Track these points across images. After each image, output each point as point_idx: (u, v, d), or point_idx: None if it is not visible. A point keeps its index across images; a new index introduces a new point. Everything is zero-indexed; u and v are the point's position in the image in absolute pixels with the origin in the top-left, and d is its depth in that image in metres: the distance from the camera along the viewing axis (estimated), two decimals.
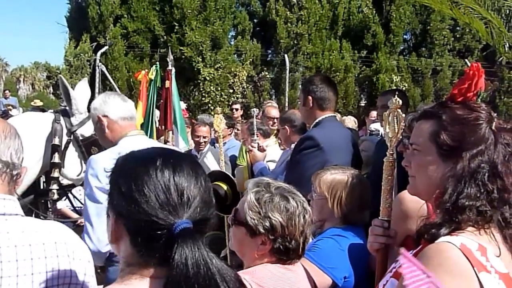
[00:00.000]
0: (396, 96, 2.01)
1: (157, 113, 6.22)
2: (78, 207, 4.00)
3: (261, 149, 4.32)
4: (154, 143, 3.93)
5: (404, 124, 2.05)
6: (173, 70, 6.26)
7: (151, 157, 1.28)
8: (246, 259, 2.00)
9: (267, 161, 4.61)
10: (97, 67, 10.32)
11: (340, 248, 2.44)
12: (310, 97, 3.64)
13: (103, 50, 11.89)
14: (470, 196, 1.55)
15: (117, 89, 10.29)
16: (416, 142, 1.73)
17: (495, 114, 1.69)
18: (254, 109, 5.40)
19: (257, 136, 4.66)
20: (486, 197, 1.56)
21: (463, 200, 1.54)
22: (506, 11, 7.97)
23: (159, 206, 1.20)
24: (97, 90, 11.05)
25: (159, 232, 1.18)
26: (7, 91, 18.50)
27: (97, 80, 10.86)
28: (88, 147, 3.47)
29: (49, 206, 3.75)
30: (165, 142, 5.15)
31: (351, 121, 7.32)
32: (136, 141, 3.24)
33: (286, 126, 4.35)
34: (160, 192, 1.21)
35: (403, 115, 1.99)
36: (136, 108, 6.89)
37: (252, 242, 1.92)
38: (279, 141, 5.76)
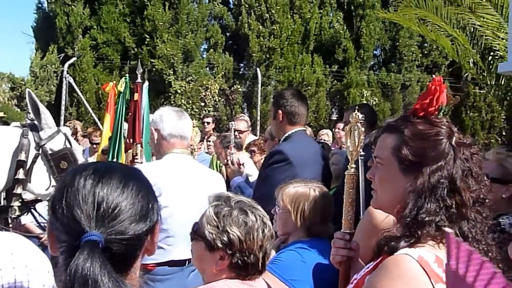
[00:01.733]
0: (356, 110, 2.02)
1: (125, 126, 6.09)
2: (43, 222, 3.89)
3: (238, 163, 4.27)
4: (195, 162, 3.94)
5: (367, 138, 2.07)
6: (146, 83, 6.17)
7: (83, 168, 1.24)
8: (206, 275, 1.98)
9: (246, 174, 4.57)
10: (64, 79, 10.11)
11: (302, 260, 2.43)
12: (280, 111, 3.66)
13: (71, 61, 11.65)
14: (430, 212, 1.56)
15: (85, 102, 10.09)
16: (379, 155, 1.75)
17: (456, 129, 1.71)
18: (232, 122, 5.35)
19: (231, 149, 4.61)
20: (445, 212, 1.58)
21: (423, 215, 1.56)
22: (470, 29, 8.15)
23: (72, 217, 1.16)
24: (63, 102, 10.85)
25: (73, 243, 1.14)
26: None
27: (64, 92, 10.64)
28: (57, 162, 3.40)
29: (9, 222, 3.57)
30: (134, 155, 5.01)
31: (325, 135, 7.32)
32: (178, 159, 3.30)
33: (277, 139, 4.33)
34: (77, 203, 1.17)
35: (363, 128, 1.98)
36: (103, 120, 6.78)
37: (211, 257, 1.90)
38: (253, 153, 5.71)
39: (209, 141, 7.66)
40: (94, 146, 7.40)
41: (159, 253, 3.19)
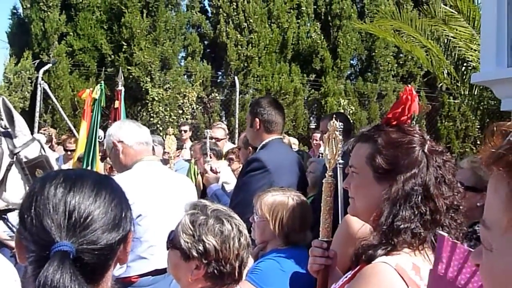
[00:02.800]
0: (333, 119, 2.05)
1: (100, 133, 6.04)
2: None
3: (214, 171, 4.28)
4: (167, 169, 3.90)
5: (347, 146, 2.06)
6: (123, 90, 6.14)
7: (53, 176, 1.21)
8: (181, 284, 1.96)
9: (222, 182, 4.57)
10: (39, 85, 9.96)
11: (281, 269, 2.45)
12: (257, 119, 3.69)
13: (46, 67, 11.49)
14: (405, 219, 1.59)
15: (60, 108, 9.95)
16: (354, 164, 1.79)
17: (428, 137, 1.75)
18: (208, 130, 5.36)
19: (210, 157, 4.62)
20: (419, 219, 1.60)
21: (399, 223, 1.59)
22: (444, 40, 8.32)
23: (41, 227, 1.14)
24: (37, 109, 10.68)
25: (43, 254, 1.12)
26: None
27: (38, 98, 10.47)
28: (32, 170, 3.35)
29: None
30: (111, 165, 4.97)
31: (290, 143, 7.32)
32: (151, 166, 3.26)
33: (250, 148, 4.35)
34: (47, 212, 1.14)
35: (340, 137, 2.01)
36: (79, 127, 6.71)
37: (187, 267, 1.89)
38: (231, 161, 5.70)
39: (185, 148, 7.63)
40: (69, 153, 7.32)
41: (143, 264, 3.19)
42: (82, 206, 1.16)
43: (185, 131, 9.10)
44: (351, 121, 15.94)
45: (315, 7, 17.04)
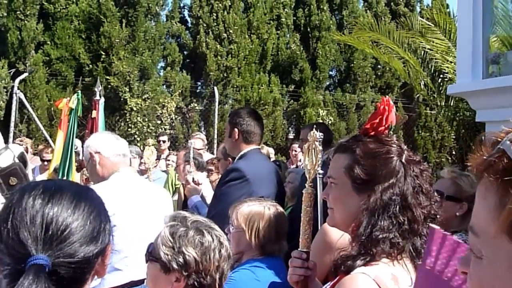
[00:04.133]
0: (314, 129, 2.04)
1: (77, 143, 5.97)
2: None
3: (196, 183, 4.26)
4: (143, 180, 3.85)
5: (322, 156, 2.08)
6: (102, 100, 6.09)
7: (32, 187, 1.18)
8: None
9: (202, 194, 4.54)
10: (14, 95, 9.80)
11: (256, 278, 2.44)
12: (236, 130, 3.69)
13: (22, 76, 11.31)
14: (383, 229, 1.60)
15: (36, 118, 9.81)
16: (332, 175, 1.79)
17: (405, 147, 1.76)
18: (191, 141, 5.34)
19: (192, 167, 4.59)
20: (398, 229, 1.61)
21: (377, 233, 1.59)
22: (421, 52, 8.44)
23: (17, 239, 1.11)
24: (13, 118, 10.50)
25: (17, 267, 1.09)
26: None
27: (13, 108, 10.30)
28: (6, 178, 3.32)
29: None
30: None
31: (268, 153, 7.32)
32: (127, 177, 3.25)
33: (230, 159, 4.33)
34: (23, 224, 1.12)
35: (320, 147, 2.00)
36: (55, 137, 6.61)
37: (166, 279, 1.86)
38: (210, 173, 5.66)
39: (168, 160, 7.58)
40: (45, 163, 7.21)
41: (118, 276, 3.15)
42: (60, 218, 1.14)
43: (164, 142, 9.04)
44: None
45: (295, 18, 17.19)
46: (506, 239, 0.80)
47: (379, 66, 17.11)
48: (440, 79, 8.20)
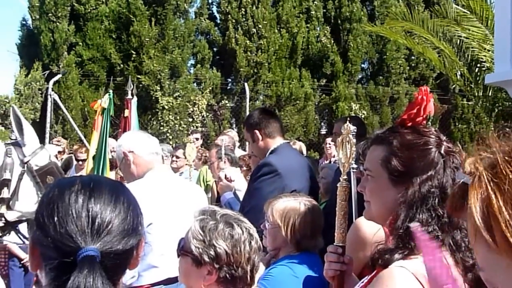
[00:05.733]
0: (347, 122, 2.01)
1: (110, 142, 6.01)
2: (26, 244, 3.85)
3: (229, 180, 4.27)
4: (178, 178, 3.89)
5: (357, 150, 2.07)
6: (135, 99, 6.13)
7: (70, 183, 1.22)
8: None
9: (235, 190, 4.55)
10: (49, 96, 10.00)
11: (294, 275, 2.44)
12: (256, 131, 3.73)
13: (56, 78, 11.55)
14: (422, 222, 1.56)
15: (70, 119, 9.97)
16: (368, 167, 1.76)
17: (444, 138, 1.72)
18: (221, 137, 5.35)
19: (224, 163, 4.61)
20: (437, 222, 1.58)
21: None
22: (457, 41, 8.21)
23: (65, 233, 1.15)
24: (48, 119, 10.73)
25: (65, 260, 1.14)
26: None
27: (49, 109, 10.52)
28: (43, 177, 3.40)
29: None
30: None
31: (300, 148, 7.24)
32: (162, 175, 3.31)
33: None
34: (70, 219, 1.16)
35: (354, 140, 1.97)
36: (90, 138, 6.68)
37: (198, 273, 1.89)
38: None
39: (200, 157, 7.58)
40: (80, 162, 7.31)
41: (154, 273, 3.20)
42: (104, 212, 1.19)
43: (196, 139, 9.08)
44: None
45: (325, 11, 17.01)
46: None
47: (412, 57, 16.79)
48: (477, 69, 7.99)
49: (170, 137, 14.57)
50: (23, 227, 3.77)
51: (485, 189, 0.82)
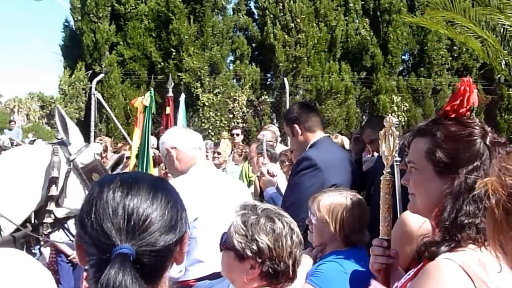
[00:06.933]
0: (389, 115, 2.05)
1: (152, 140, 6.10)
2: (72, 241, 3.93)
3: (271, 174, 4.27)
4: (221, 173, 3.92)
5: (399, 142, 2.05)
6: (183, 96, 6.19)
7: (110, 180, 1.23)
8: (236, 285, 1.98)
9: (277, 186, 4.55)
10: (92, 95, 10.23)
11: (343, 271, 2.43)
12: (296, 125, 3.71)
13: (98, 78, 11.79)
14: (469, 214, 1.54)
15: (114, 118, 10.17)
16: (412, 160, 1.75)
17: (489, 128, 1.70)
18: (263, 132, 5.36)
19: (265, 158, 4.61)
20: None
21: (462, 218, 1.55)
22: (501, 29, 7.95)
23: (101, 230, 1.16)
24: (93, 118, 10.96)
25: (103, 257, 1.16)
26: (12, 122, 18.38)
27: (93, 108, 10.76)
28: (89, 174, 3.47)
29: (40, 240, 3.69)
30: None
31: (342, 142, 7.13)
32: (205, 170, 3.36)
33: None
34: (106, 216, 1.17)
35: (397, 132, 1.98)
36: (133, 135, 6.81)
37: (241, 267, 1.91)
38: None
39: (241, 153, 7.62)
40: (124, 160, 7.43)
41: (200, 267, 3.23)
42: (140, 209, 1.19)
43: (237, 135, 9.12)
44: (406, 118, 15.60)
45: (363, 2, 16.80)
46: None
47: (455, 47, 16.41)
48: None
49: (212, 133, 14.68)
50: (71, 224, 3.88)
51: None
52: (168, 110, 6.08)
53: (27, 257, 1.55)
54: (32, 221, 3.56)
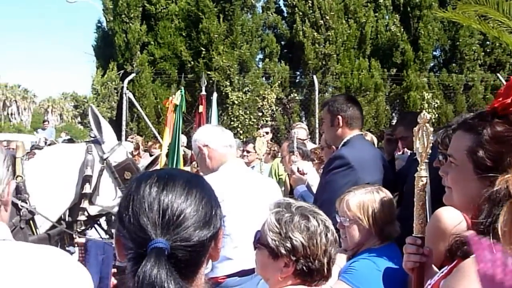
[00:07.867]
0: (424, 111, 1.98)
1: (183, 138, 6.16)
2: (104, 238, 4.01)
3: (301, 173, 4.25)
4: (252, 171, 3.95)
5: (434, 137, 2.02)
6: (215, 95, 6.23)
7: (148, 176, 1.26)
8: (271, 283, 1.97)
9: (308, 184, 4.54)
10: (124, 95, 10.38)
11: (377, 268, 2.41)
12: (339, 117, 3.61)
13: (130, 77, 11.95)
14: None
15: (145, 117, 10.30)
16: (453, 155, 1.68)
17: None
18: (295, 130, 5.35)
19: (296, 156, 4.60)
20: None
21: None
22: None
23: (138, 224, 1.19)
24: (124, 117, 11.11)
25: (139, 251, 1.18)
26: (46, 122, 18.78)
27: (124, 108, 10.91)
28: (121, 173, 3.53)
29: (74, 237, 3.79)
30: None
31: (372, 140, 7.06)
32: (236, 168, 3.41)
33: (334, 147, 4.28)
34: (143, 211, 1.20)
35: (431, 129, 1.93)
36: (163, 134, 6.90)
37: (275, 265, 1.90)
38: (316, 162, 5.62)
39: (270, 151, 7.63)
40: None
41: (229, 265, 3.24)
42: (174, 204, 1.20)
43: (266, 133, 9.12)
44: (436, 115, 15.36)
45: None
46: None
47: (487, 42, 16.06)
48: None
49: (241, 131, 14.73)
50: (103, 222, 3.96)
51: None
52: (201, 108, 6.14)
53: (68, 256, 1.58)
54: (66, 219, 3.64)
